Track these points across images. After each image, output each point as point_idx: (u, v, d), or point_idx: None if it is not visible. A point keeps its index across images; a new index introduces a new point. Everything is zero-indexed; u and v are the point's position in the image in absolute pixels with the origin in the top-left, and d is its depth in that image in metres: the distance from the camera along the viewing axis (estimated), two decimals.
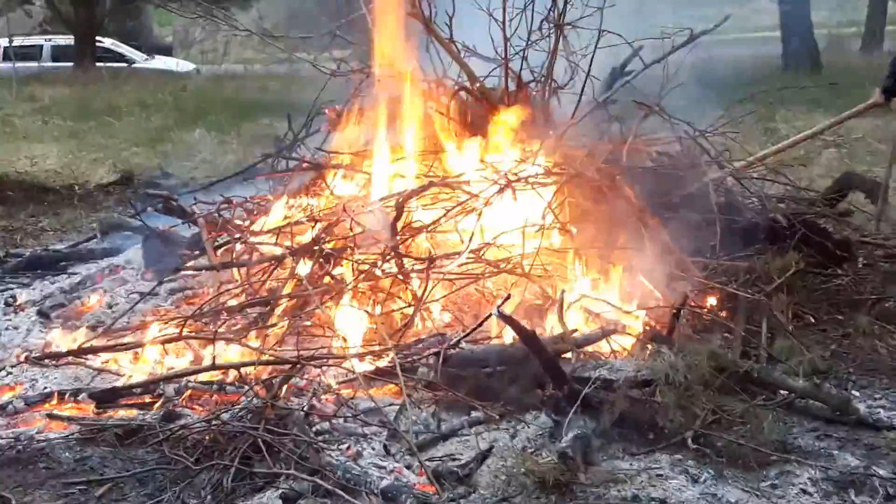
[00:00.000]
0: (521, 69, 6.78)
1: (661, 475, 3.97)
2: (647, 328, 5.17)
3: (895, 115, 12.57)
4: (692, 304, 5.46)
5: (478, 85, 6.81)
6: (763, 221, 6.29)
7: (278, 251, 5.88)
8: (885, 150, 10.11)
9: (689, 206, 6.17)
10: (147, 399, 4.72)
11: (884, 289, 6.02)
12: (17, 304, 6.27)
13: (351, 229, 5.75)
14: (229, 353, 5.03)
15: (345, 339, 5.06)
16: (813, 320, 5.64)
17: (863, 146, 11.24)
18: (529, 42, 6.78)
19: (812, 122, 11.54)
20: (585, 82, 6.73)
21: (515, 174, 5.93)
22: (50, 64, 27.33)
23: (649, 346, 4.86)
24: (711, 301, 5.64)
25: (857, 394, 4.78)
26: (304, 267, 5.63)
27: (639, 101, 6.56)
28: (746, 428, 4.25)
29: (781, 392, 4.60)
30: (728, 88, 8.36)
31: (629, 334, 5.12)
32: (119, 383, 4.86)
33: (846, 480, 3.95)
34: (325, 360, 4.82)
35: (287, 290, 5.56)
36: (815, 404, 4.56)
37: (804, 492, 3.88)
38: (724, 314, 5.51)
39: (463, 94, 6.83)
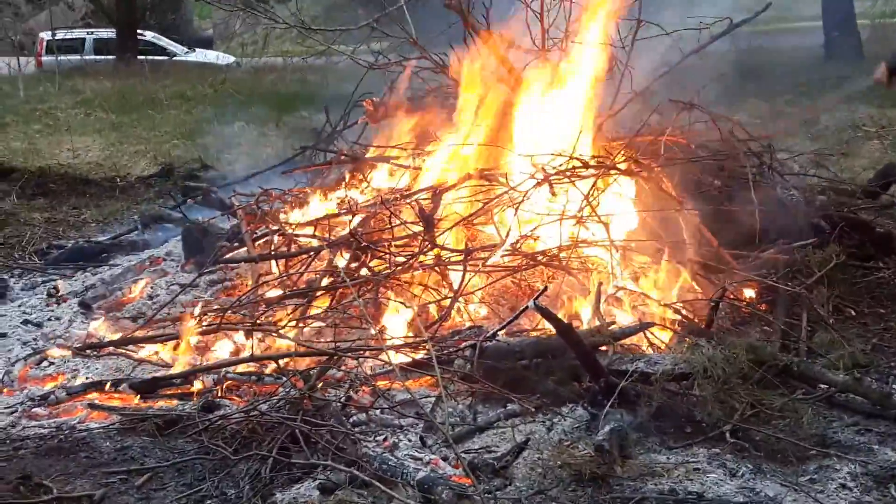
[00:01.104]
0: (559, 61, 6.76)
1: (699, 469, 3.95)
2: (686, 321, 5.14)
3: None
4: (731, 296, 5.42)
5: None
6: (803, 216, 6.23)
7: (316, 243, 5.91)
8: None
9: (729, 198, 6.14)
10: (188, 389, 4.76)
11: None
12: (59, 294, 6.33)
13: (389, 221, 5.77)
14: (268, 344, 5.07)
15: (382, 331, 5.08)
16: (854, 313, 5.59)
17: None
18: (567, 32, 6.75)
19: (853, 114, 11.45)
20: (623, 73, 6.70)
21: (554, 168, 5.91)
22: (92, 57, 27.53)
23: (687, 339, 4.84)
24: (750, 293, 5.60)
25: None
26: (342, 259, 5.66)
27: (674, 100, 6.50)
28: (785, 422, 4.22)
29: (821, 386, 4.55)
30: (769, 79, 8.29)
31: (667, 327, 5.10)
32: (159, 374, 4.90)
33: (886, 475, 3.91)
34: (361, 352, 4.83)
35: (325, 282, 5.58)
36: (855, 398, 4.51)
37: (844, 486, 3.85)
38: (763, 307, 5.47)
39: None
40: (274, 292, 5.63)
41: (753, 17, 7.15)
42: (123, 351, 5.20)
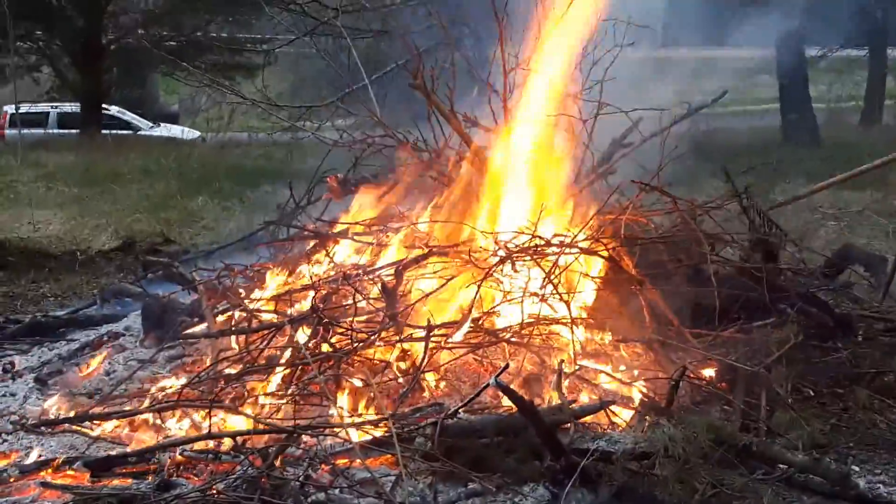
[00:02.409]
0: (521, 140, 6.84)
1: None
2: (646, 399, 5.15)
3: (895, 189, 12.70)
4: (691, 375, 5.45)
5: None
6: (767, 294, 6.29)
7: (277, 319, 5.89)
8: (885, 224, 10.21)
9: (688, 279, 6.20)
10: (144, 468, 4.70)
11: (884, 363, 6.00)
12: (15, 370, 6.25)
13: (352, 297, 5.77)
14: (226, 421, 5.02)
15: (341, 409, 5.05)
16: (812, 393, 5.63)
17: (862, 219, 11.30)
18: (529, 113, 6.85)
19: (810, 195, 11.62)
20: (585, 153, 6.79)
21: (516, 245, 5.95)
22: (56, 131, 27.60)
23: (648, 418, 4.86)
24: (710, 372, 5.63)
25: (857, 469, 4.75)
26: (303, 335, 5.64)
27: (635, 181, 6.58)
28: (745, 502, 4.23)
29: (781, 466, 4.57)
30: (727, 160, 8.42)
31: (628, 406, 5.12)
32: (114, 452, 4.83)
33: None
34: (321, 430, 4.79)
35: (285, 358, 5.55)
36: (814, 479, 4.53)
37: None
38: (722, 386, 5.49)
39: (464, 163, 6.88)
40: (233, 369, 5.59)
41: (711, 102, 7.29)
42: (78, 428, 5.13)
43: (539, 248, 5.91)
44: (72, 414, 5.29)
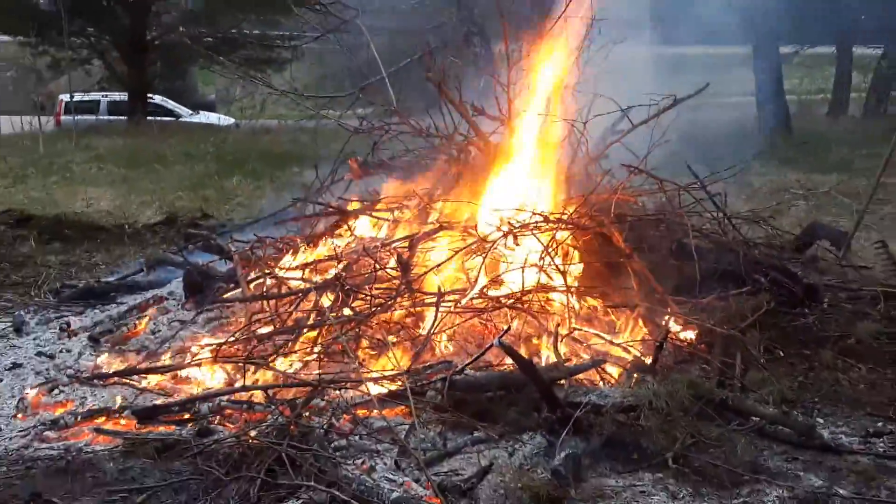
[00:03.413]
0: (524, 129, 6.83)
1: (644, 492, 3.96)
2: (634, 359, 5.16)
3: (858, 172, 12.64)
4: (674, 338, 5.45)
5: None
6: (743, 265, 6.29)
7: (304, 286, 5.91)
8: (849, 203, 10.16)
9: (672, 252, 6.20)
10: (184, 416, 4.73)
11: (846, 327, 6.00)
12: (71, 329, 6.28)
13: (373, 267, 5.79)
14: (258, 375, 5.05)
15: (362, 365, 5.07)
16: (782, 354, 5.62)
17: (828, 199, 11.25)
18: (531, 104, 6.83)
19: (782, 178, 11.60)
20: (580, 140, 6.77)
21: (518, 221, 5.95)
22: (106, 117, 27.57)
23: (635, 376, 4.87)
24: (691, 335, 5.63)
25: (822, 421, 4.76)
26: (327, 300, 5.66)
27: (625, 165, 6.56)
28: (721, 450, 4.25)
29: (753, 418, 4.58)
30: (708, 147, 8.38)
31: (617, 364, 5.13)
32: (159, 402, 4.86)
33: (811, 500, 3.92)
34: (343, 384, 4.81)
35: (311, 320, 5.57)
36: (783, 430, 4.54)
37: None
38: (702, 347, 5.49)
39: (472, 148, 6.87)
40: (265, 329, 5.61)
41: (695, 94, 7.23)
42: (127, 381, 5.16)
43: (538, 224, 5.92)
44: (121, 368, 5.33)
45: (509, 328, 5.13)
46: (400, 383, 4.76)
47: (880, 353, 5.61)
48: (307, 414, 4.52)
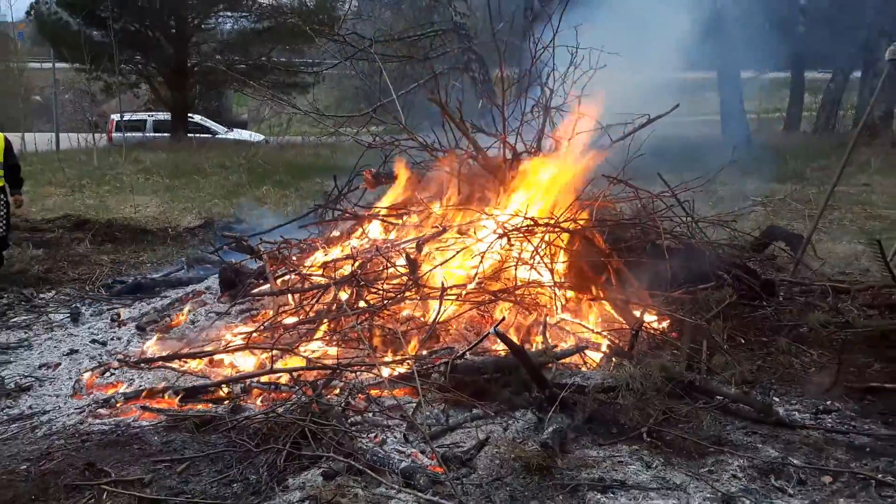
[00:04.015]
0: (515, 142, 6.83)
1: (622, 462, 3.96)
2: (613, 345, 5.17)
3: (810, 182, 12.60)
4: (648, 327, 5.45)
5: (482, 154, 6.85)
6: (708, 264, 6.28)
7: (324, 281, 5.91)
8: (801, 209, 10.15)
9: (646, 252, 6.19)
10: (220, 395, 4.74)
11: (798, 318, 5.99)
12: (121, 320, 6.31)
13: (386, 266, 5.79)
14: (286, 360, 5.06)
15: (375, 350, 5.08)
16: (743, 342, 5.62)
17: (784, 205, 11.25)
18: (523, 122, 6.84)
19: (743, 185, 11.59)
20: (566, 154, 6.76)
21: (512, 226, 5.95)
22: (152, 134, 27.62)
23: (614, 360, 4.87)
24: (663, 325, 5.63)
25: (777, 400, 4.76)
26: (344, 294, 5.66)
27: (605, 175, 6.55)
28: (689, 425, 4.26)
29: (718, 397, 4.58)
30: (679, 160, 8.37)
31: (598, 350, 5.13)
32: (198, 383, 4.87)
33: (767, 468, 3.93)
34: (358, 367, 4.82)
35: (330, 312, 5.57)
36: (744, 408, 4.54)
37: (734, 476, 3.86)
38: (673, 335, 5.49)
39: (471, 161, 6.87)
40: (290, 319, 5.62)
41: (666, 113, 7.21)
42: (170, 365, 5.17)
43: (529, 228, 5.92)
44: (165, 354, 5.34)
45: (503, 318, 5.13)
46: (408, 367, 4.77)
47: (828, 341, 5.60)
48: (327, 394, 4.54)
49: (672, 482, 3.78)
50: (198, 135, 27.45)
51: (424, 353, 5.06)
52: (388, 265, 5.81)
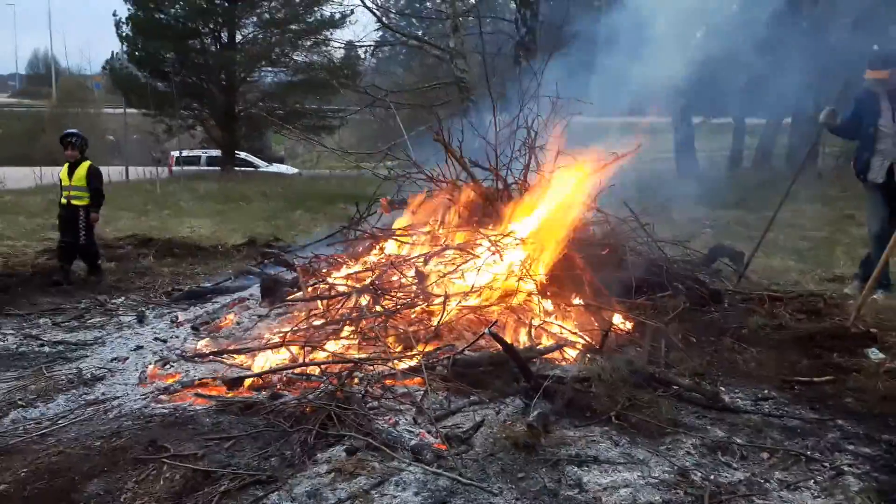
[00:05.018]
0: (506, 175, 6.84)
1: (594, 440, 3.94)
2: (587, 343, 5.16)
3: (750, 209, 12.59)
4: (616, 328, 5.44)
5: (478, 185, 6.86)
6: (666, 276, 6.28)
7: (347, 290, 5.91)
8: (742, 231, 10.15)
9: (614, 266, 6.19)
10: (260, 384, 4.73)
11: (741, 321, 5.99)
12: (179, 321, 6.30)
13: (399, 277, 5.78)
14: (315, 354, 5.05)
15: (389, 347, 5.07)
16: (694, 340, 5.61)
17: (728, 228, 11.25)
18: (512, 158, 6.86)
19: (694, 212, 11.59)
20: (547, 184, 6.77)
21: (503, 244, 5.95)
22: (205, 168, 27.72)
23: (587, 356, 4.86)
24: (629, 326, 5.62)
25: (724, 389, 4.74)
26: (364, 300, 5.66)
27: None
28: (651, 410, 4.24)
29: (674, 387, 4.57)
30: (640, 190, 8.38)
31: (574, 347, 5.12)
32: (242, 374, 4.86)
33: (715, 446, 3.91)
34: (375, 361, 4.81)
35: (352, 315, 5.56)
36: (696, 395, 4.52)
37: (688, 453, 3.84)
38: (636, 335, 5.48)
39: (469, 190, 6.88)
40: (319, 321, 5.61)
41: (631, 152, 7.22)
42: (219, 359, 5.17)
43: (517, 245, 5.92)
44: (215, 349, 5.33)
45: (496, 321, 5.12)
46: (417, 361, 4.76)
47: (765, 340, 5.59)
48: (349, 383, 4.52)
49: (636, 458, 3.76)
50: (243, 168, 27.57)
51: (430, 349, 5.05)
52: (401, 276, 5.80)
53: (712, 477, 3.59)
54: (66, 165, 8.41)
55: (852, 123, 7.03)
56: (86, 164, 8.40)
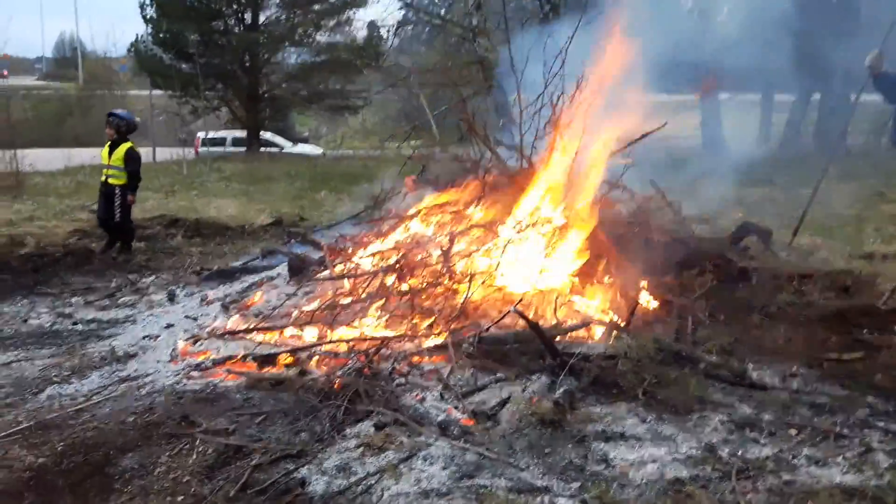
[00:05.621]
0: (531, 155, 6.80)
1: (621, 417, 3.96)
2: (613, 321, 5.15)
3: (776, 187, 12.43)
4: (643, 306, 5.42)
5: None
6: (693, 255, 6.23)
7: (373, 269, 5.94)
8: (770, 208, 10.01)
9: (642, 245, 6.15)
10: (291, 361, 4.78)
11: (769, 299, 5.93)
12: (209, 300, 6.37)
13: (425, 256, 5.80)
14: (342, 332, 5.09)
15: (417, 324, 5.10)
16: (722, 318, 5.57)
17: (756, 205, 11.11)
18: (536, 137, 6.81)
19: (722, 190, 11.44)
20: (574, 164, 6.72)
21: (528, 224, 5.92)
22: (231, 149, 27.87)
23: (614, 333, 4.85)
24: (655, 304, 5.60)
25: (751, 367, 4.71)
26: (390, 279, 5.68)
27: (607, 181, 6.52)
28: (677, 387, 4.23)
29: (701, 364, 4.55)
30: (666, 168, 8.29)
31: (601, 324, 5.11)
32: (272, 351, 4.92)
33: (743, 423, 3.90)
34: (402, 338, 4.84)
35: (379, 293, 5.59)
36: (723, 373, 4.51)
37: (715, 430, 3.84)
38: (663, 313, 5.46)
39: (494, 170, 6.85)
40: (346, 300, 5.65)
41: (657, 129, 7.13)
42: (249, 336, 5.23)
43: (544, 225, 5.90)
44: (245, 327, 5.39)
45: (522, 299, 5.12)
46: (443, 338, 4.78)
47: (794, 317, 5.54)
48: (377, 359, 4.57)
49: (663, 434, 3.77)
50: (268, 149, 27.67)
51: (457, 326, 5.07)
52: (427, 255, 5.81)
53: (740, 453, 3.59)
54: (108, 144, 8.69)
55: None
56: (125, 145, 8.71)
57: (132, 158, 8.66)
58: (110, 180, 8.72)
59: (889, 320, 5.37)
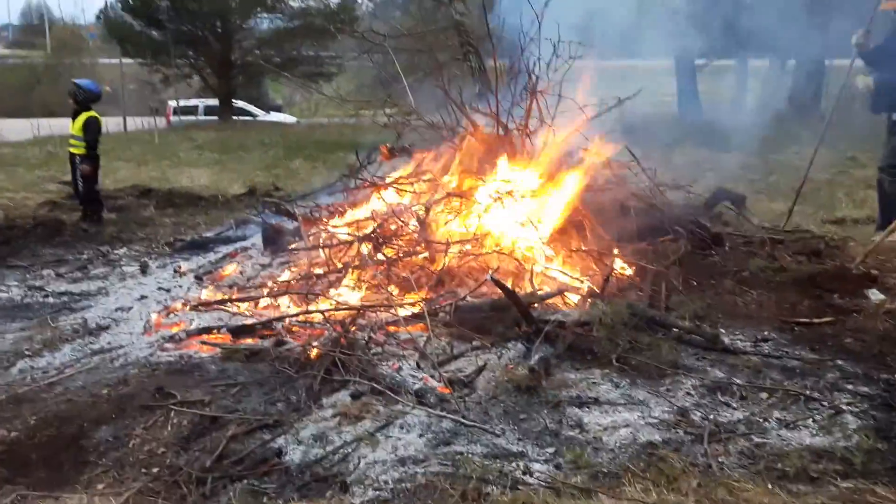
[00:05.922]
0: (507, 121, 6.75)
1: (595, 383, 3.99)
2: (588, 288, 5.17)
3: (751, 152, 12.49)
4: (617, 273, 5.45)
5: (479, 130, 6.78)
6: (667, 221, 6.26)
7: (349, 238, 5.90)
8: (743, 174, 10.07)
9: (617, 211, 6.16)
10: (265, 332, 4.75)
11: (741, 264, 5.98)
12: (182, 271, 6.31)
13: (401, 225, 5.77)
14: (317, 303, 5.07)
15: (392, 294, 5.08)
16: (695, 284, 5.62)
17: (730, 171, 11.16)
18: (513, 103, 6.76)
19: (696, 156, 11.49)
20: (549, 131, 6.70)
21: (506, 191, 5.91)
22: (203, 117, 27.43)
23: (589, 300, 4.88)
24: (630, 271, 5.63)
25: (724, 331, 4.77)
26: (366, 248, 5.65)
27: (583, 149, 6.50)
28: (651, 352, 4.28)
29: (674, 329, 4.60)
30: (643, 134, 8.30)
31: (576, 292, 5.14)
32: (247, 322, 4.89)
33: (715, 386, 3.96)
34: (378, 308, 4.83)
35: (354, 263, 5.56)
36: (696, 338, 4.56)
37: (688, 394, 3.90)
38: (637, 279, 5.49)
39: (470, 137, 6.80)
40: (322, 270, 5.62)
41: (632, 96, 7.11)
42: (223, 307, 5.19)
43: (520, 192, 5.88)
44: (219, 298, 5.35)
45: (498, 268, 5.13)
46: (419, 307, 4.78)
47: (766, 282, 5.60)
48: (353, 329, 4.55)
49: (637, 398, 3.82)
50: (241, 117, 27.29)
51: (433, 296, 5.07)
52: (403, 224, 5.79)
53: (712, 416, 3.65)
54: (73, 113, 8.59)
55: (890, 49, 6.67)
56: (86, 114, 8.62)
57: (89, 127, 8.57)
58: (72, 150, 8.65)
59: (860, 285, 5.45)
